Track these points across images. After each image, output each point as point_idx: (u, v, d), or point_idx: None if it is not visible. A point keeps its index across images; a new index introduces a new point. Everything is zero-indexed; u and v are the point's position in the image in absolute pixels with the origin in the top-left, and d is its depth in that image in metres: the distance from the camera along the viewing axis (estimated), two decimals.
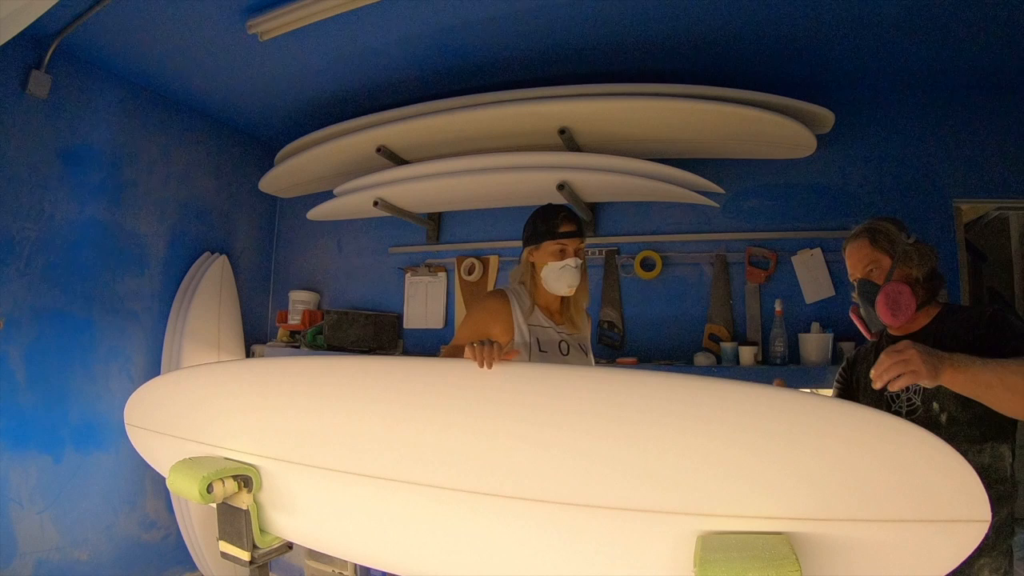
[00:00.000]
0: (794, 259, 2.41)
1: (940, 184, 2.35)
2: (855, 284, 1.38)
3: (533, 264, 1.56)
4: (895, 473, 0.82)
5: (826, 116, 2.18)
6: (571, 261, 1.51)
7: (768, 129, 2.16)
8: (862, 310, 1.38)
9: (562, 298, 1.58)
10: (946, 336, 1.24)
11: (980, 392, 1.03)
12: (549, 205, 1.61)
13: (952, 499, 0.80)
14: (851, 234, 1.43)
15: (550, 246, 1.53)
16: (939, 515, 0.80)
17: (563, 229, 1.53)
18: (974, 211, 3.07)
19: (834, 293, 2.37)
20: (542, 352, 1.51)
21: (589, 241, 2.66)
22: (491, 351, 1.06)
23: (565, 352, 1.54)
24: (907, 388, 1.25)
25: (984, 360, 1.03)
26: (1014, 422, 1.19)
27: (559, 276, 1.52)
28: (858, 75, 2.35)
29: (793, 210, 2.48)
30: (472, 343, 1.08)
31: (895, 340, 1.25)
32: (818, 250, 2.39)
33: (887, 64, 2.25)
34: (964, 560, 0.81)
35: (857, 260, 1.38)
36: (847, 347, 2.27)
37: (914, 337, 1.28)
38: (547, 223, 1.55)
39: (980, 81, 2.28)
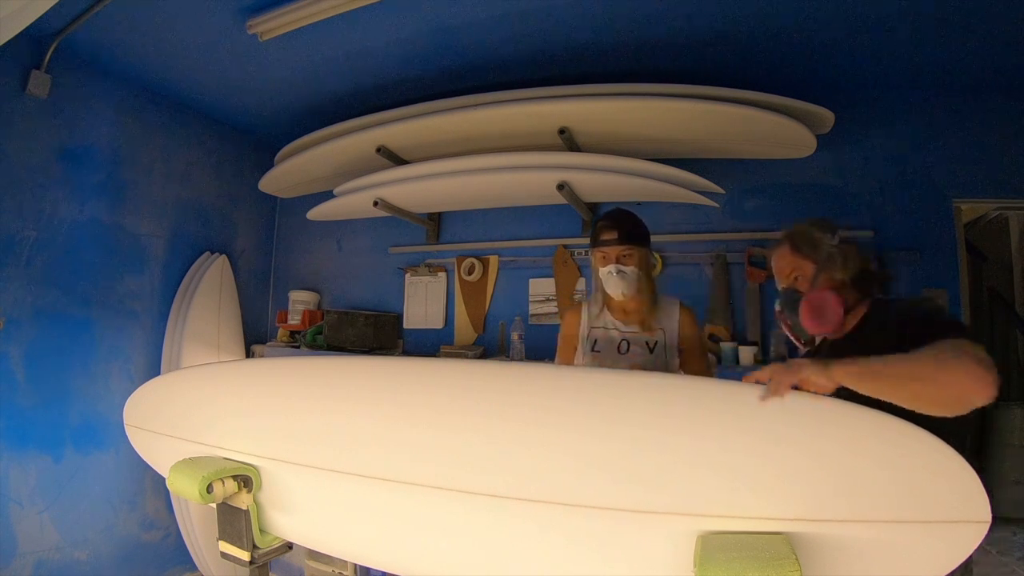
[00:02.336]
0: None
1: (940, 184, 2.35)
2: (780, 293, 1.32)
3: (596, 269, 1.63)
4: (895, 474, 0.82)
5: (826, 116, 2.18)
6: (612, 267, 1.56)
7: (768, 129, 2.16)
8: (789, 319, 1.31)
9: (634, 299, 1.60)
10: (874, 333, 1.17)
11: (882, 387, 0.90)
12: (605, 213, 1.66)
13: (952, 500, 0.80)
14: (774, 242, 1.37)
15: (595, 253, 1.62)
16: (939, 516, 0.80)
17: (602, 237, 1.59)
18: (974, 211, 3.08)
19: None
20: (595, 352, 1.59)
21: (588, 241, 2.66)
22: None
23: (624, 351, 1.58)
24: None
25: (885, 356, 0.93)
26: (951, 421, 0.91)
27: (605, 281, 1.58)
28: (858, 75, 2.35)
29: (793, 210, 2.48)
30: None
31: (835, 344, 1.24)
32: None
33: (887, 64, 2.25)
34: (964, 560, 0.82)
35: (781, 268, 1.33)
36: None
37: (841, 345, 1.22)
38: (594, 231, 1.63)
39: (980, 81, 2.28)
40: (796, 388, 0.94)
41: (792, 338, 1.34)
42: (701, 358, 1.66)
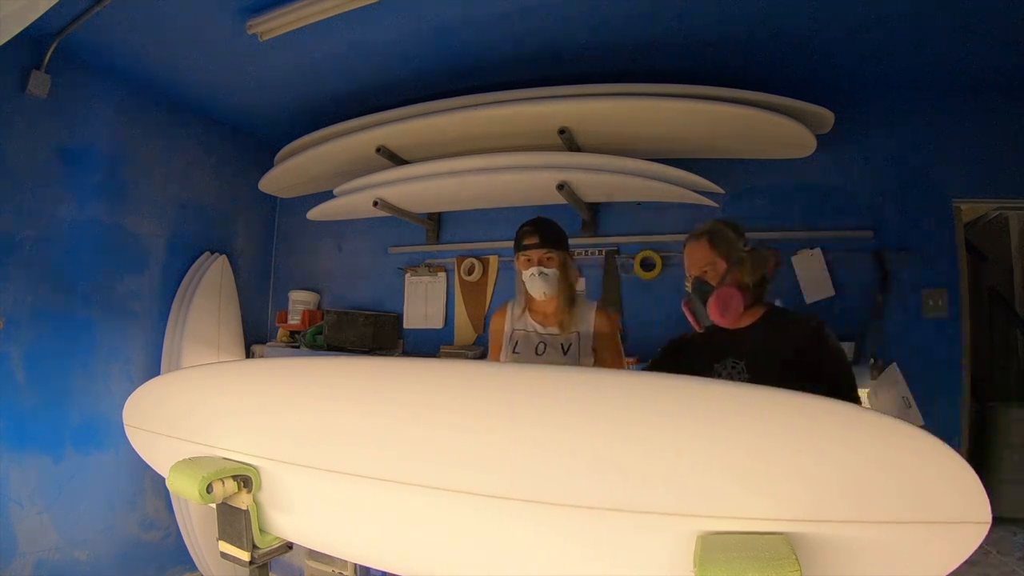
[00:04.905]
0: (794, 259, 2.41)
1: (940, 184, 2.35)
2: (689, 280, 1.48)
3: (520, 272, 1.75)
4: (896, 474, 0.82)
5: (826, 116, 2.18)
6: (534, 270, 1.69)
7: (768, 129, 2.16)
8: (694, 305, 1.46)
9: (553, 301, 1.72)
10: (766, 339, 1.39)
11: None
12: (528, 220, 1.80)
13: (952, 500, 0.80)
14: (692, 232, 1.51)
15: (519, 257, 1.74)
16: (939, 516, 0.80)
17: (525, 242, 1.72)
18: (974, 211, 3.08)
19: (834, 293, 2.37)
20: (515, 353, 1.73)
21: (588, 241, 2.67)
22: None
23: (540, 353, 1.71)
24: (732, 367, 1.43)
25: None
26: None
27: (529, 283, 1.71)
28: (858, 75, 2.34)
29: (793, 210, 2.48)
30: None
31: (725, 332, 1.43)
32: (818, 250, 2.39)
33: (887, 64, 2.25)
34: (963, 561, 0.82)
35: (695, 259, 1.47)
36: (847, 347, 2.28)
37: (739, 334, 1.43)
38: (517, 237, 1.76)
39: (980, 81, 2.28)
40: None
41: (691, 320, 1.48)
42: (615, 357, 1.75)
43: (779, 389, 0.95)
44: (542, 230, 1.73)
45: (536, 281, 1.69)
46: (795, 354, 1.33)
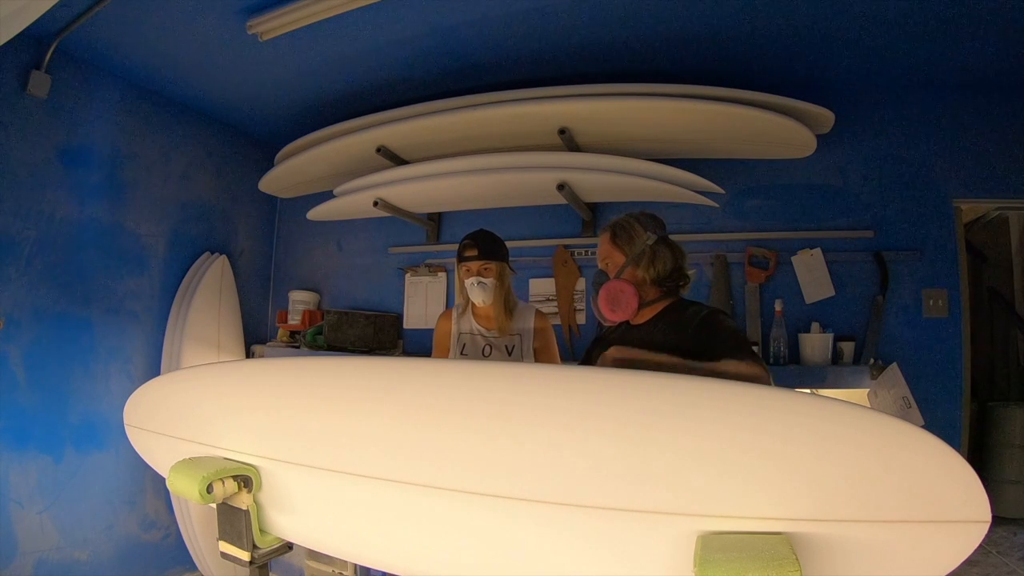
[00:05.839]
0: (794, 259, 2.41)
1: (940, 184, 2.35)
2: (594, 275, 1.50)
3: (462, 281, 1.92)
4: (895, 473, 0.82)
5: (826, 116, 2.18)
6: (474, 279, 1.86)
7: (768, 129, 2.16)
8: (592, 301, 1.47)
9: (492, 306, 1.88)
10: (663, 333, 1.37)
11: None
12: (468, 233, 1.95)
13: (952, 499, 0.80)
14: (604, 226, 1.53)
15: (460, 267, 1.91)
16: (939, 516, 0.80)
17: (465, 254, 1.89)
18: (974, 211, 3.08)
19: (834, 293, 2.37)
20: (463, 355, 1.91)
21: (588, 241, 2.68)
22: None
23: (487, 354, 1.89)
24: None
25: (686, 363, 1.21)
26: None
27: (470, 291, 1.89)
28: (858, 75, 2.35)
29: (793, 210, 2.48)
30: None
31: (630, 326, 1.44)
32: (818, 250, 2.39)
33: (887, 64, 2.25)
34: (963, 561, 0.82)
35: (599, 253, 1.49)
36: (847, 347, 2.28)
37: (640, 328, 1.43)
38: (459, 249, 1.92)
39: (980, 81, 2.28)
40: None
41: (596, 315, 1.48)
42: (551, 358, 1.96)
43: (779, 389, 0.95)
44: (480, 243, 1.89)
45: (475, 289, 1.86)
46: (693, 346, 1.29)
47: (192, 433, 1.30)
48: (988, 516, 0.79)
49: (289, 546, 1.28)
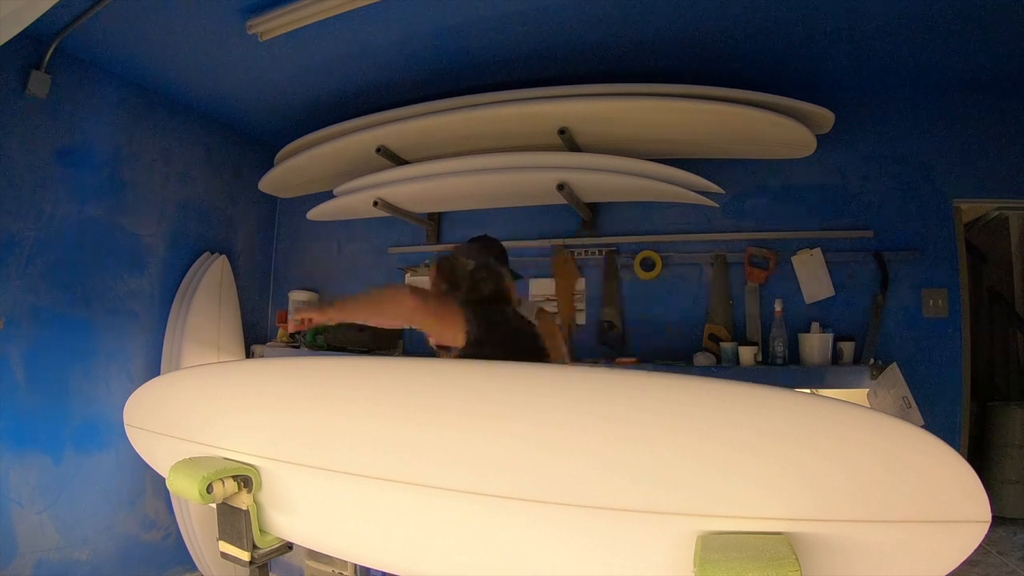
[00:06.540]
0: (794, 259, 2.41)
1: (940, 184, 2.35)
2: None
3: None
4: (895, 473, 0.82)
5: (826, 116, 2.18)
6: None
7: (768, 129, 2.16)
8: None
9: None
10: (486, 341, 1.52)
11: (361, 315, 1.52)
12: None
13: (952, 499, 0.80)
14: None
15: None
16: (939, 515, 0.80)
17: None
18: (974, 211, 3.08)
19: (834, 293, 2.37)
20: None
21: (588, 241, 2.69)
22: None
23: None
24: None
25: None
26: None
27: None
28: (857, 75, 2.35)
29: (793, 210, 2.48)
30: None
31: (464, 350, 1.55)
32: (818, 250, 2.39)
33: (887, 64, 2.25)
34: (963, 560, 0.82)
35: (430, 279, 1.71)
36: (847, 347, 2.28)
37: (470, 345, 1.53)
38: None
39: (980, 81, 2.28)
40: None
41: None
42: (556, 354, 1.93)
43: (780, 389, 0.95)
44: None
45: None
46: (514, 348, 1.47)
47: (192, 433, 1.30)
48: (988, 516, 0.79)
49: (289, 546, 1.28)
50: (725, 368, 2.32)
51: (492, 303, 1.56)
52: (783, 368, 2.27)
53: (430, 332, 1.55)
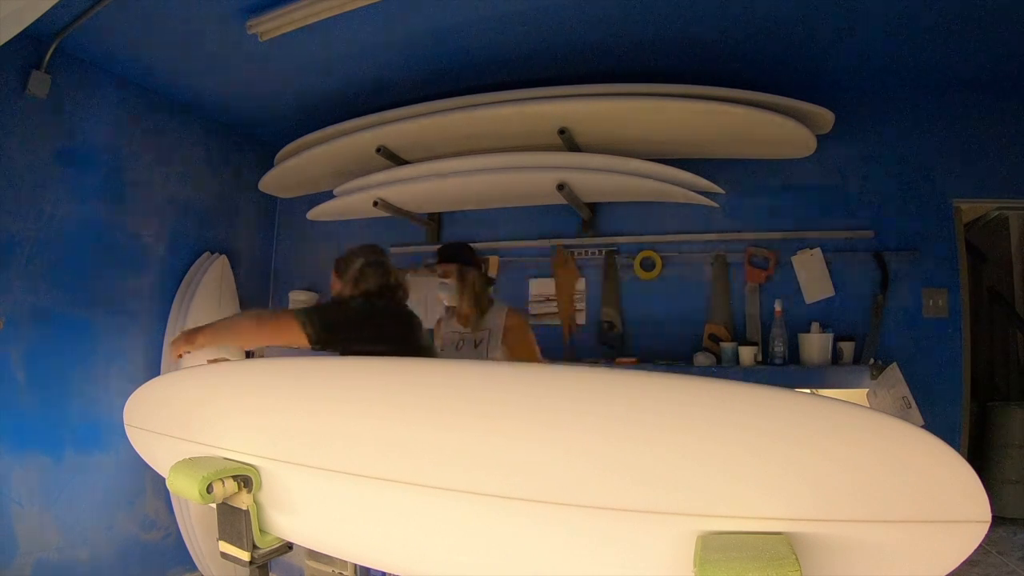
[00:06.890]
0: (794, 259, 2.42)
1: (940, 184, 2.35)
2: None
3: None
4: (895, 473, 0.82)
5: (826, 116, 2.18)
6: (438, 281, 2.05)
7: (768, 129, 2.16)
8: None
9: (461, 305, 2.02)
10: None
11: (230, 340, 1.67)
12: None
13: (952, 499, 0.80)
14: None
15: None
16: (939, 515, 0.80)
17: (431, 261, 2.12)
18: (974, 211, 3.07)
19: (834, 293, 2.37)
20: (443, 350, 2.06)
21: (588, 241, 2.68)
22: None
23: (459, 348, 2.02)
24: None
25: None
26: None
27: (439, 291, 2.08)
28: (857, 75, 2.35)
29: (793, 210, 2.48)
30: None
31: None
32: (818, 250, 2.39)
33: (887, 64, 2.25)
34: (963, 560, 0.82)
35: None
36: (847, 347, 2.28)
37: None
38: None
39: (980, 81, 2.28)
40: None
41: None
42: (525, 349, 2.01)
43: (779, 389, 0.95)
44: (441, 250, 2.11)
45: (440, 290, 2.06)
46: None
47: (192, 433, 1.30)
48: (988, 516, 0.79)
49: (289, 546, 1.28)
50: (725, 368, 2.32)
51: (377, 296, 1.72)
52: (783, 368, 2.27)
53: (275, 344, 1.71)
